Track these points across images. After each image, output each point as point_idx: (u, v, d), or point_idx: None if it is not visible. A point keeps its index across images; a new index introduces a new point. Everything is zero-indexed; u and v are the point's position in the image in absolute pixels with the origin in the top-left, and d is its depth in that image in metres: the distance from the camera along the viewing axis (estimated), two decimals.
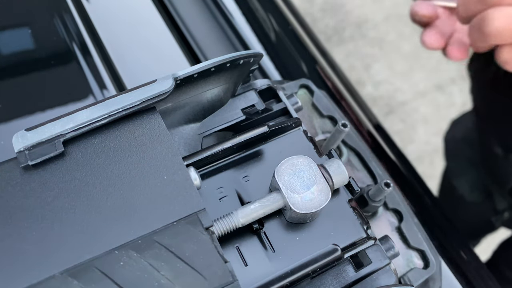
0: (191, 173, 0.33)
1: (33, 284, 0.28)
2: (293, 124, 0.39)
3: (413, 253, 0.44)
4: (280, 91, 0.43)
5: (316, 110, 0.49)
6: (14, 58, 0.48)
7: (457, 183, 1.05)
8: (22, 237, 0.30)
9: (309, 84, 0.49)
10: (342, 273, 0.35)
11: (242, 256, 0.35)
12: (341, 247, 0.35)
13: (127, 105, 0.33)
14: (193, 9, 0.58)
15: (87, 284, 0.28)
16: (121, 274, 0.29)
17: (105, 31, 0.51)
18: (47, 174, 0.32)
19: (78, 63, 0.48)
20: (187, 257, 0.30)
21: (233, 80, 0.39)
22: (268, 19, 0.62)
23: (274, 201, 0.35)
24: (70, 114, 0.32)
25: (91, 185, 0.32)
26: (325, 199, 0.34)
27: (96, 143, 0.33)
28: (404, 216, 0.45)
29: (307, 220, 0.35)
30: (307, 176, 0.35)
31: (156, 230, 0.31)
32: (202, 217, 0.32)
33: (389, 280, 0.35)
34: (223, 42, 0.57)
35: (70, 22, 0.50)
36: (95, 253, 0.30)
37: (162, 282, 0.29)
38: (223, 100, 0.40)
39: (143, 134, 0.34)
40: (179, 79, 0.34)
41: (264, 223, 0.36)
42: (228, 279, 0.30)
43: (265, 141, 0.39)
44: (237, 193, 0.37)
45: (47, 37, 0.49)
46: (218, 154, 0.37)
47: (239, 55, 0.36)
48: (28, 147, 0.31)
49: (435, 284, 0.43)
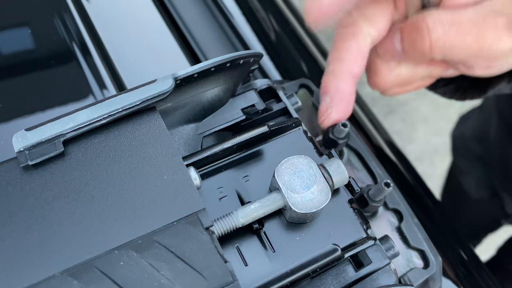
0: (191, 173, 0.33)
1: (33, 284, 0.28)
2: (293, 124, 0.39)
3: (413, 253, 0.44)
4: (280, 91, 0.43)
5: (316, 110, 0.49)
6: (14, 58, 0.48)
7: (463, 180, 1.05)
8: (22, 237, 0.30)
9: (309, 84, 0.49)
10: (342, 273, 0.35)
11: (242, 256, 0.35)
12: (341, 247, 0.35)
13: (127, 105, 0.33)
14: (193, 9, 0.58)
15: (87, 284, 0.28)
16: (121, 274, 0.29)
17: (105, 31, 0.51)
18: (47, 174, 0.32)
19: (78, 63, 0.48)
20: (187, 257, 0.30)
21: (233, 80, 0.39)
22: (268, 19, 0.62)
23: (274, 201, 0.35)
24: (70, 114, 0.32)
25: (91, 185, 0.32)
26: (325, 199, 0.34)
27: (96, 143, 0.33)
28: (404, 216, 0.45)
29: (307, 220, 0.35)
30: (307, 176, 0.35)
31: (156, 230, 0.31)
32: (202, 217, 0.32)
33: (389, 280, 0.35)
34: (223, 42, 0.57)
35: (70, 22, 0.50)
36: (95, 253, 0.30)
37: (162, 282, 0.29)
38: (223, 100, 0.40)
39: (143, 134, 0.34)
40: (179, 79, 0.34)
41: (264, 223, 0.36)
42: (228, 279, 0.30)
43: (265, 141, 0.39)
44: (237, 193, 0.37)
45: (47, 37, 0.49)
46: (218, 154, 0.37)
47: (239, 55, 0.36)
48: (28, 147, 0.31)
49: (435, 284, 0.43)
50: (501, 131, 0.87)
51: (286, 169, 0.35)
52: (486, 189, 0.99)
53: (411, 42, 0.41)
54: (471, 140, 0.99)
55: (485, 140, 0.94)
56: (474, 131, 0.99)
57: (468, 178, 1.04)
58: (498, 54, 0.40)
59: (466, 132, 1.01)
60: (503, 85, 0.47)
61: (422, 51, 0.40)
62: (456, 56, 0.41)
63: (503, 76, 0.46)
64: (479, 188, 1.01)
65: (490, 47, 0.39)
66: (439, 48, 0.40)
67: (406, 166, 0.59)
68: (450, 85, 0.51)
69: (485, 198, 0.99)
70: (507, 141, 0.87)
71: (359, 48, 0.42)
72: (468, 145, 1.00)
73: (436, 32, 0.39)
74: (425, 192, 0.59)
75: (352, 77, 0.43)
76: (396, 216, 0.45)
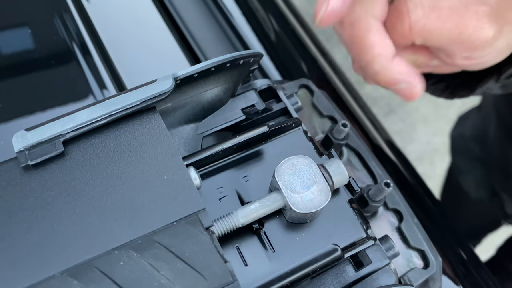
0: (191, 173, 0.33)
1: (33, 284, 0.28)
2: (293, 124, 0.39)
3: (413, 253, 0.44)
4: (280, 91, 0.43)
5: (316, 110, 0.49)
6: (14, 58, 0.48)
7: (462, 180, 1.05)
8: (22, 237, 0.30)
9: (309, 84, 0.49)
10: (342, 273, 0.35)
11: (242, 256, 0.35)
12: (341, 247, 0.35)
13: (127, 105, 0.33)
14: (193, 9, 0.58)
15: (87, 284, 0.28)
16: (121, 274, 0.29)
17: (105, 31, 0.51)
18: (47, 174, 0.32)
19: (78, 63, 0.48)
20: (187, 257, 0.30)
21: (233, 80, 0.39)
22: (268, 19, 0.62)
23: (274, 201, 0.35)
24: (70, 114, 0.32)
25: (91, 185, 0.32)
26: (325, 199, 0.34)
27: (96, 143, 0.33)
28: (404, 216, 0.45)
29: (307, 220, 0.35)
30: (307, 176, 0.35)
31: (156, 230, 0.31)
32: (202, 217, 0.32)
33: (389, 280, 0.35)
34: (223, 42, 0.57)
35: (70, 22, 0.50)
36: (95, 253, 0.30)
37: (162, 282, 0.29)
38: (223, 100, 0.40)
39: (143, 134, 0.34)
40: (179, 79, 0.34)
41: (264, 223, 0.36)
42: (228, 279, 0.30)
43: (265, 141, 0.39)
44: (237, 193, 0.37)
45: (47, 37, 0.49)
46: (218, 154, 0.37)
47: (239, 55, 0.36)
48: (28, 147, 0.31)
49: (435, 284, 0.43)
50: (499, 132, 0.87)
51: (286, 169, 0.35)
52: (485, 189, 0.99)
53: (392, 24, 0.41)
54: (470, 140, 0.99)
55: (484, 140, 0.93)
56: (473, 131, 0.99)
57: (467, 178, 1.04)
58: (478, 43, 0.40)
59: (465, 132, 1.01)
60: (492, 83, 0.47)
61: (402, 32, 0.40)
62: (436, 42, 0.41)
63: (490, 74, 0.46)
64: (479, 188, 1.01)
65: (470, 35, 0.39)
66: (418, 31, 0.40)
67: (406, 166, 0.59)
68: (439, 84, 0.51)
69: (485, 198, 0.99)
70: (506, 142, 0.87)
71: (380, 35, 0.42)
72: (467, 145, 1.00)
73: (416, 14, 0.39)
74: (425, 192, 0.59)
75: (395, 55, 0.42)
76: (396, 216, 0.45)
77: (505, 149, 0.87)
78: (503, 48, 0.42)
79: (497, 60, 0.43)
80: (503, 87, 0.50)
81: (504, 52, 0.43)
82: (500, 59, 0.43)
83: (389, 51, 0.42)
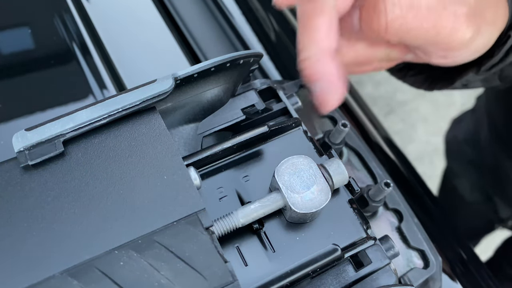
0: (191, 173, 0.33)
1: (33, 284, 0.28)
2: (293, 124, 0.39)
3: (413, 253, 0.44)
4: (280, 91, 0.43)
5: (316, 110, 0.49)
6: (14, 58, 0.48)
7: (457, 183, 1.05)
8: (22, 237, 0.30)
9: None
10: (342, 273, 0.35)
11: (242, 256, 0.35)
12: (341, 247, 0.35)
13: (127, 105, 0.33)
14: (193, 9, 0.58)
15: (87, 284, 0.28)
16: (121, 274, 0.29)
17: (105, 31, 0.51)
18: (47, 174, 0.32)
19: (78, 63, 0.48)
20: (187, 257, 0.30)
21: (233, 80, 0.39)
22: (268, 19, 0.62)
23: (274, 201, 0.35)
24: (70, 114, 0.32)
25: (91, 185, 0.32)
26: (325, 199, 0.34)
27: (96, 143, 0.33)
28: (404, 216, 0.45)
29: (307, 220, 0.35)
30: (307, 176, 0.35)
31: (156, 230, 0.31)
32: (202, 217, 0.32)
33: (389, 280, 0.35)
34: (223, 42, 0.57)
35: (70, 22, 0.50)
36: (95, 253, 0.30)
37: (162, 282, 0.29)
38: (223, 100, 0.40)
39: (143, 134, 0.34)
40: (179, 79, 0.34)
41: (264, 223, 0.36)
42: (228, 279, 0.30)
43: (265, 141, 0.39)
44: (237, 193, 0.37)
45: (47, 37, 0.49)
46: (218, 154, 0.37)
47: (239, 55, 0.36)
48: (28, 147, 0.31)
49: (435, 284, 0.43)
50: (490, 135, 0.87)
51: (286, 169, 0.35)
52: (480, 192, 0.99)
53: (368, 21, 0.39)
54: (463, 143, 0.99)
55: (476, 144, 0.93)
56: (466, 135, 0.98)
57: (462, 181, 1.04)
58: (455, 44, 0.39)
59: (459, 135, 1.01)
60: (471, 76, 0.46)
61: (378, 31, 0.39)
62: (412, 41, 0.40)
63: (470, 66, 0.46)
64: (473, 191, 1.01)
65: (447, 37, 0.39)
66: (395, 30, 0.39)
67: (406, 166, 0.59)
68: (419, 76, 0.50)
69: (480, 201, 0.99)
70: (496, 146, 0.87)
71: (330, 24, 0.39)
72: (460, 149, 1.00)
73: (393, 13, 0.38)
74: (425, 192, 0.59)
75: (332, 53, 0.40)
76: (396, 216, 0.45)
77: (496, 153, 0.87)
78: (480, 47, 0.41)
79: (474, 57, 0.42)
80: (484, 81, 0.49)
81: (481, 51, 0.42)
82: (477, 56, 0.42)
83: (328, 44, 0.39)
